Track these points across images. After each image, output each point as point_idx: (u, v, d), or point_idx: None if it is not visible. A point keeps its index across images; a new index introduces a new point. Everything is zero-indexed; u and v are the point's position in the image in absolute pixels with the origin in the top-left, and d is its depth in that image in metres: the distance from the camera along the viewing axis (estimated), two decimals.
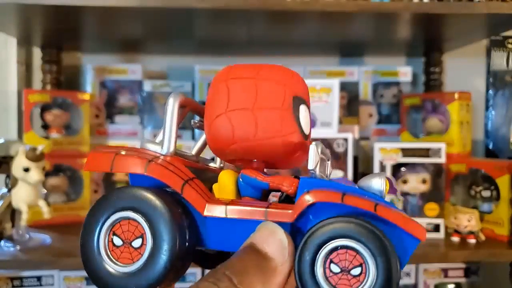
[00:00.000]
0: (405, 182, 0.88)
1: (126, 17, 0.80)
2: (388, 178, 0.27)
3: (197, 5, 0.71)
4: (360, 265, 0.23)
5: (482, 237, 0.84)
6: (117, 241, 0.25)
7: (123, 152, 0.26)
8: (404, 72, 1.06)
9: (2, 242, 0.76)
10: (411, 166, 0.88)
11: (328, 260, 0.23)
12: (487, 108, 1.15)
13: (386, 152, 0.86)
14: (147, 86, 1.00)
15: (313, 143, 0.26)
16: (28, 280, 0.82)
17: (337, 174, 0.83)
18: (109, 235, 0.25)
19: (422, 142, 0.95)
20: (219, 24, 0.85)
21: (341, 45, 1.06)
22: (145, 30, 0.92)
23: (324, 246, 0.23)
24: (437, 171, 0.88)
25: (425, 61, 1.09)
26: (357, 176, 0.92)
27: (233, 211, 0.25)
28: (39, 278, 0.82)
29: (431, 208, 0.87)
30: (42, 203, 0.76)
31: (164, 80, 1.03)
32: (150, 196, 0.25)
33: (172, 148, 0.27)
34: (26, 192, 0.75)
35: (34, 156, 0.74)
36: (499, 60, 1.14)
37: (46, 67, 0.99)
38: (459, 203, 0.93)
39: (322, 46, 1.06)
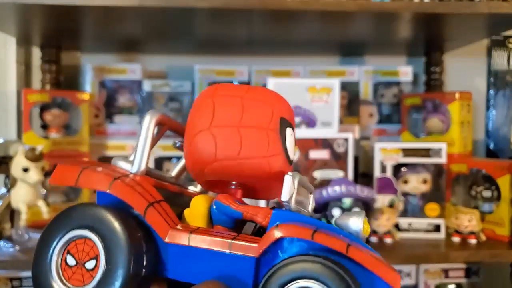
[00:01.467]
0: (405, 182, 0.88)
1: (126, 16, 0.80)
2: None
3: (196, 4, 0.71)
4: None
5: (483, 238, 0.83)
6: (71, 260, 0.24)
7: (90, 168, 0.25)
8: (405, 72, 1.05)
9: (1, 242, 0.75)
10: (411, 166, 0.88)
11: None
12: (488, 108, 1.15)
13: (386, 152, 0.86)
14: (147, 86, 0.99)
15: (289, 173, 0.25)
16: (28, 281, 0.82)
17: (338, 174, 0.83)
18: (63, 253, 0.24)
19: (422, 142, 0.95)
20: (219, 24, 0.85)
21: (342, 45, 1.06)
22: (145, 29, 0.92)
23: (287, 286, 0.22)
24: (437, 171, 0.88)
25: (425, 60, 1.09)
26: (357, 177, 0.92)
27: (197, 240, 0.24)
28: None
29: (432, 208, 0.86)
30: (41, 203, 0.76)
31: (164, 80, 1.03)
32: (109, 216, 0.24)
33: (142, 167, 0.26)
34: (25, 192, 0.75)
35: (34, 156, 0.74)
36: (500, 59, 1.13)
37: (46, 67, 0.99)
38: (460, 203, 0.93)
39: (322, 45, 1.05)
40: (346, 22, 0.84)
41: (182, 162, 0.31)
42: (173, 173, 0.31)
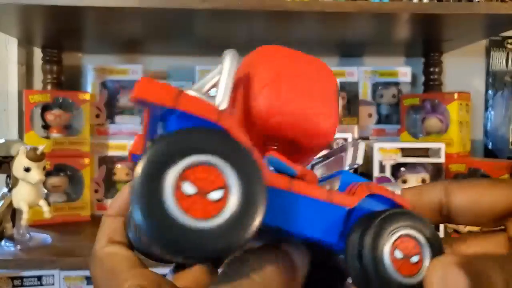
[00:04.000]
0: (404, 182, 0.88)
1: (127, 17, 0.80)
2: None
3: (197, 5, 0.71)
4: (418, 254, 0.24)
5: None
6: (189, 188, 0.20)
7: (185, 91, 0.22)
8: (404, 72, 1.06)
9: (3, 241, 0.76)
10: (410, 166, 0.88)
11: (393, 247, 0.23)
12: (486, 108, 1.15)
13: (385, 152, 0.86)
14: None
15: (359, 140, 0.27)
16: (29, 280, 0.82)
17: None
18: (178, 180, 0.20)
19: (421, 142, 0.95)
20: (220, 24, 0.85)
21: (341, 45, 1.06)
22: (146, 30, 0.92)
23: (392, 233, 0.23)
24: (436, 171, 0.88)
25: (424, 61, 1.09)
26: None
27: (299, 186, 0.23)
28: (39, 278, 0.82)
29: None
30: (42, 203, 0.76)
31: (165, 81, 1.03)
32: (241, 145, 0.20)
33: (226, 106, 0.23)
34: (27, 192, 0.75)
35: (35, 156, 0.74)
36: (499, 60, 1.14)
37: (47, 67, 0.99)
38: None
39: (321, 46, 1.06)
40: (345, 23, 0.85)
41: None
42: None
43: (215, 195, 0.20)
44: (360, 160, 0.25)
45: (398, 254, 0.23)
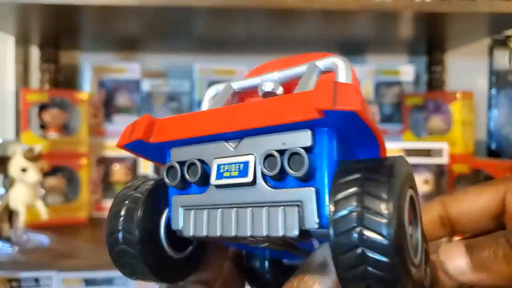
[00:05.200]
0: None
1: (125, 15, 0.79)
2: None
3: (196, 3, 0.70)
4: None
5: None
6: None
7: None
8: (406, 71, 1.05)
9: (0, 243, 0.75)
10: (413, 167, 0.87)
11: None
12: (489, 107, 1.14)
13: (388, 152, 0.85)
14: (146, 85, 0.99)
15: None
16: (26, 282, 0.81)
17: None
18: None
19: (424, 142, 0.94)
20: (219, 23, 0.84)
21: (342, 44, 1.05)
22: (144, 28, 0.91)
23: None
24: (439, 171, 0.87)
25: (427, 60, 1.08)
26: None
27: None
28: (37, 280, 0.81)
29: None
30: (39, 204, 0.76)
31: (163, 79, 1.02)
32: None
33: None
34: (24, 193, 0.74)
35: (32, 156, 0.74)
36: (502, 59, 1.13)
37: (44, 66, 0.98)
38: None
39: (323, 44, 1.05)
40: (347, 21, 0.84)
41: None
42: None
43: (411, 229, 0.19)
44: None
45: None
